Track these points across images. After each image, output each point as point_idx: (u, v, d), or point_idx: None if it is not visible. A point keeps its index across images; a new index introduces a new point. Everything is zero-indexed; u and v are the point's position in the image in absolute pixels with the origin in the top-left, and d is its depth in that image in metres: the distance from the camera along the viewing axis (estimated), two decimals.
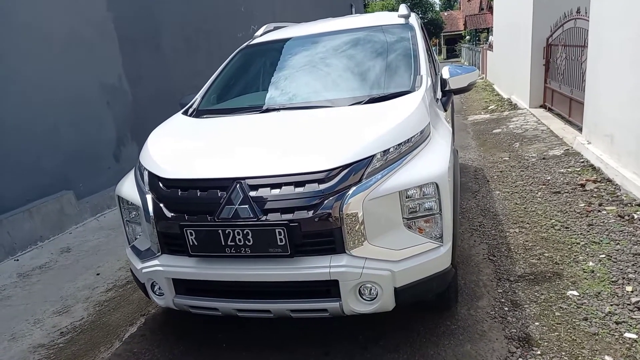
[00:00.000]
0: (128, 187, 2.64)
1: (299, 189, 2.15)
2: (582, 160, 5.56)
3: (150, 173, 2.48)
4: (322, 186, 2.14)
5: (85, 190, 5.31)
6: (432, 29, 42.28)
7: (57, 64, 5.12)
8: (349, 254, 2.16)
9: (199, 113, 3.19)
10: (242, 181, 2.20)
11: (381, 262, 2.19)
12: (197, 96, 3.47)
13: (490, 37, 17.23)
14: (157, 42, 6.92)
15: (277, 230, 2.12)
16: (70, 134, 5.23)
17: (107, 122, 5.83)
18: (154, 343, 2.79)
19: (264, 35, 4.02)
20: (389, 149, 2.27)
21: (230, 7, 9.31)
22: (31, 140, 4.75)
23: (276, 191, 2.16)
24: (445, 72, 3.23)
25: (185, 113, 3.25)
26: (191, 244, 2.25)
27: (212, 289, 2.36)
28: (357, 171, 2.18)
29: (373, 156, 2.22)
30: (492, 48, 15.88)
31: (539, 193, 4.70)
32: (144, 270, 2.48)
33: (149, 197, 2.41)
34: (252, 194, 2.17)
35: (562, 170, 5.33)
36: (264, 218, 2.13)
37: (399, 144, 2.30)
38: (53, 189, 4.93)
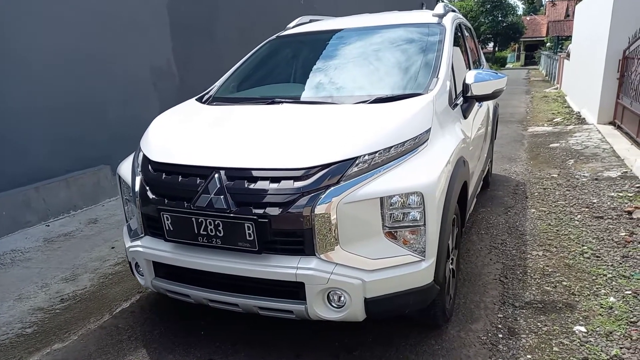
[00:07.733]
0: (126, 168, 2.70)
1: (274, 185, 2.09)
2: (638, 185, 5.05)
3: (143, 155, 2.52)
4: (297, 184, 2.06)
5: None
6: (511, 33, 40.37)
7: (111, 44, 5.37)
8: (319, 258, 2.07)
9: (212, 100, 3.20)
10: (220, 171, 2.17)
11: (353, 269, 2.08)
12: (217, 83, 3.50)
13: (569, 46, 16.10)
14: (210, 30, 7.09)
15: (246, 225, 2.07)
16: (115, 111, 5.48)
17: (152, 103, 6.05)
18: (138, 321, 2.84)
19: (296, 27, 3.97)
20: (376, 152, 2.15)
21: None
22: (79, 114, 5.02)
23: (251, 185, 2.12)
24: (469, 76, 3.01)
25: (200, 99, 3.28)
26: (167, 228, 2.25)
27: (186, 275, 2.36)
28: (336, 172, 2.08)
29: (356, 158, 2.11)
30: (569, 57, 14.87)
31: (579, 216, 4.32)
32: (130, 249, 2.53)
33: (138, 179, 2.44)
34: (228, 185, 2.14)
35: (612, 194, 4.87)
36: (236, 210, 2.10)
37: (387, 148, 2.17)
38: (92, 162, 5.19)
